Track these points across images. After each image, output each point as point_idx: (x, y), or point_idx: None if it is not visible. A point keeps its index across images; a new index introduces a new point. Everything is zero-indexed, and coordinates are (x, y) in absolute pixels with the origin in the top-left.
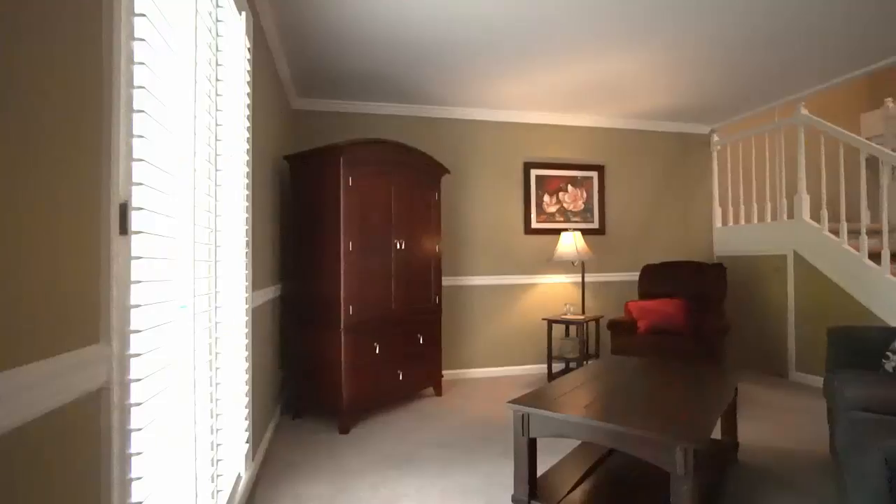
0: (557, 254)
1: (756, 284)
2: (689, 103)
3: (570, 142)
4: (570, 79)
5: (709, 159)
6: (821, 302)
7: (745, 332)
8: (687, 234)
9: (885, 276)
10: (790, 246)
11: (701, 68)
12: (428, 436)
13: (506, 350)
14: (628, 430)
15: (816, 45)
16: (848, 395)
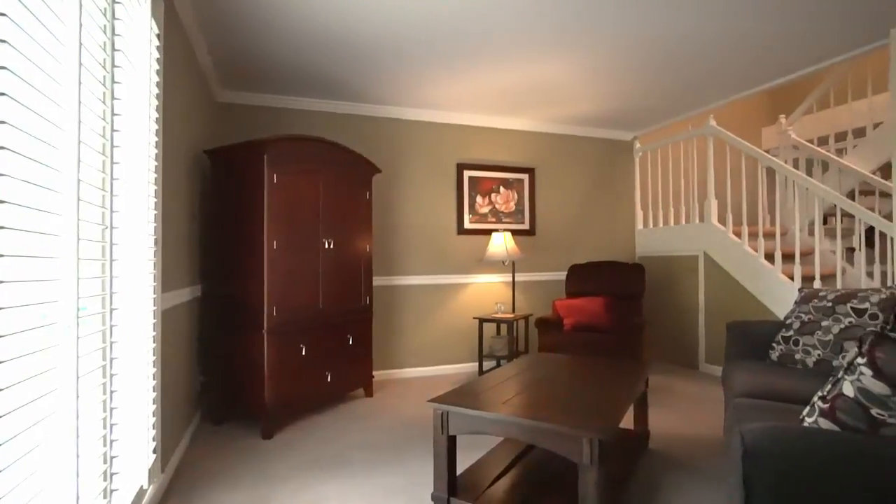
0: (488, 254)
1: (672, 283)
2: (614, 111)
3: (503, 144)
4: (502, 82)
5: (632, 165)
6: (726, 298)
7: (662, 327)
8: (612, 236)
9: (777, 274)
10: (701, 247)
11: (624, 79)
12: (356, 438)
13: (438, 349)
14: (539, 425)
15: (724, 63)
16: (735, 383)
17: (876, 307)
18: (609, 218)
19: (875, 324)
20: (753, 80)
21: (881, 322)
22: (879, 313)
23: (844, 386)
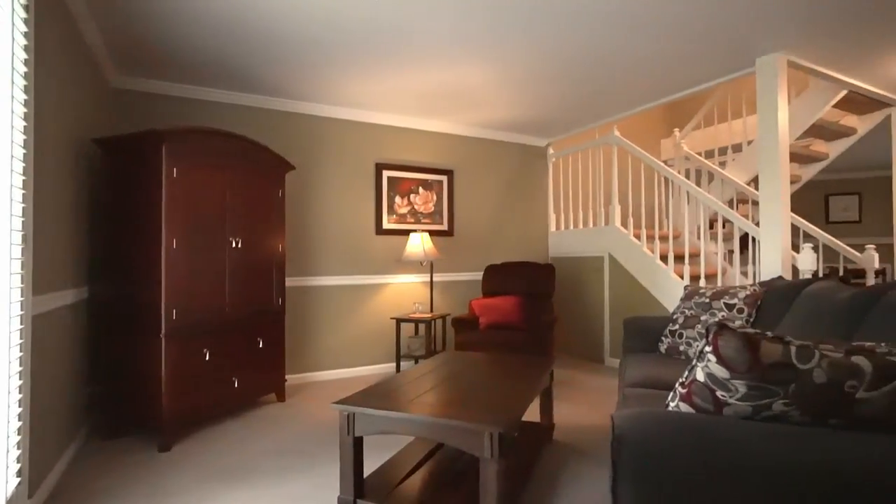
0: (406, 254)
1: (581, 282)
2: (529, 118)
3: (422, 146)
4: (421, 84)
5: (545, 170)
6: (628, 296)
7: (572, 323)
8: (527, 237)
9: (670, 274)
10: (606, 249)
11: (536, 88)
12: (264, 445)
13: (356, 350)
14: (442, 421)
15: (625, 78)
16: (627, 374)
17: (742, 302)
18: (524, 220)
19: (741, 317)
20: (650, 95)
21: (746, 315)
22: (745, 307)
23: (697, 372)
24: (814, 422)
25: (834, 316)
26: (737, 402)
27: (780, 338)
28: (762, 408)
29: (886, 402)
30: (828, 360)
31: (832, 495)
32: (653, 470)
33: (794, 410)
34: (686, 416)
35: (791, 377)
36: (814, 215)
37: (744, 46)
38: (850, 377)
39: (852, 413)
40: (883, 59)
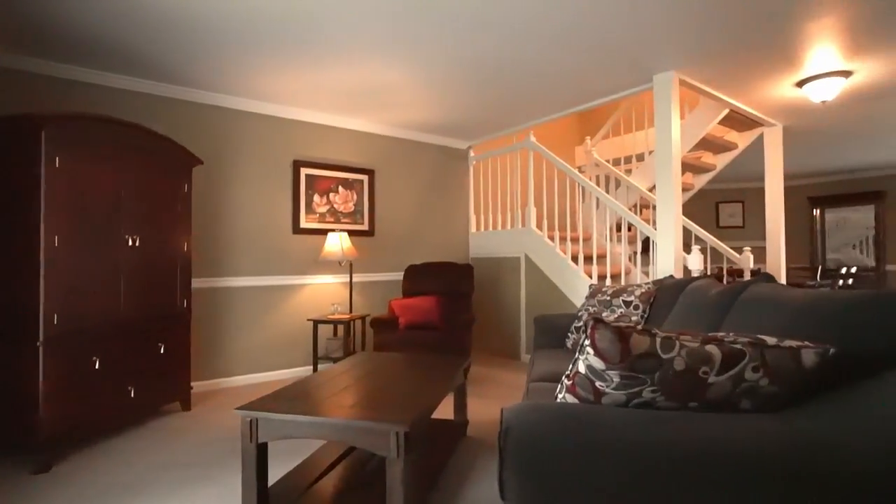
0: (324, 254)
1: (499, 282)
2: (450, 120)
3: (343, 144)
4: (339, 81)
5: (466, 172)
6: (542, 295)
7: (491, 322)
8: (448, 238)
9: (580, 273)
10: (523, 249)
11: (457, 91)
12: (164, 457)
13: (272, 353)
14: (347, 422)
15: (539, 85)
16: (533, 370)
17: (638, 299)
18: (446, 221)
19: (637, 312)
20: (562, 104)
21: (641, 310)
22: (640, 304)
23: (579, 364)
24: (677, 406)
25: (706, 309)
26: (612, 391)
27: (647, 330)
28: (634, 395)
29: (730, 384)
30: (686, 350)
31: (690, 469)
32: (535, 458)
33: (660, 396)
34: (568, 406)
35: (656, 366)
36: (706, 220)
37: (642, 64)
38: (703, 364)
39: (706, 396)
40: (756, 85)
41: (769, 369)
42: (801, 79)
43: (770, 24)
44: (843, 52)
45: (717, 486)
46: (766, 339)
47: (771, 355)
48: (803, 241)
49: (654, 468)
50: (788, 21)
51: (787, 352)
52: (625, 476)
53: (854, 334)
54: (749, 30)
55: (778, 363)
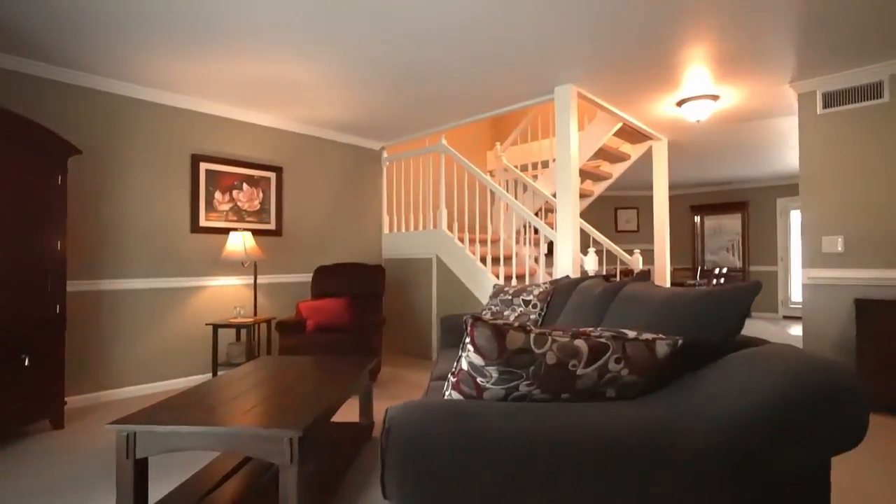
0: (225, 254)
1: (412, 282)
2: (362, 120)
3: (248, 139)
4: (243, 72)
5: (380, 173)
6: (453, 295)
7: (403, 322)
8: (361, 239)
9: (488, 274)
10: (434, 251)
11: (369, 91)
12: (27, 483)
13: (167, 361)
14: (237, 430)
15: (450, 90)
16: (435, 369)
17: (536, 298)
18: (358, 221)
19: (535, 310)
20: (472, 109)
21: (539, 309)
22: (538, 302)
23: (462, 361)
24: (551, 397)
25: (591, 306)
26: (492, 386)
27: (523, 327)
28: (512, 389)
29: (596, 375)
30: (557, 345)
31: (559, 455)
32: (416, 455)
33: (535, 389)
34: (450, 402)
35: (530, 361)
36: (606, 225)
37: (545, 76)
38: (572, 357)
39: (575, 387)
40: (644, 102)
41: (629, 360)
42: (680, 99)
43: (654, 48)
44: (713, 77)
45: (582, 469)
46: (627, 333)
47: (630, 347)
48: (687, 245)
49: (528, 457)
50: (669, 46)
51: (643, 344)
52: (502, 466)
53: (698, 327)
54: (636, 51)
55: (636, 354)
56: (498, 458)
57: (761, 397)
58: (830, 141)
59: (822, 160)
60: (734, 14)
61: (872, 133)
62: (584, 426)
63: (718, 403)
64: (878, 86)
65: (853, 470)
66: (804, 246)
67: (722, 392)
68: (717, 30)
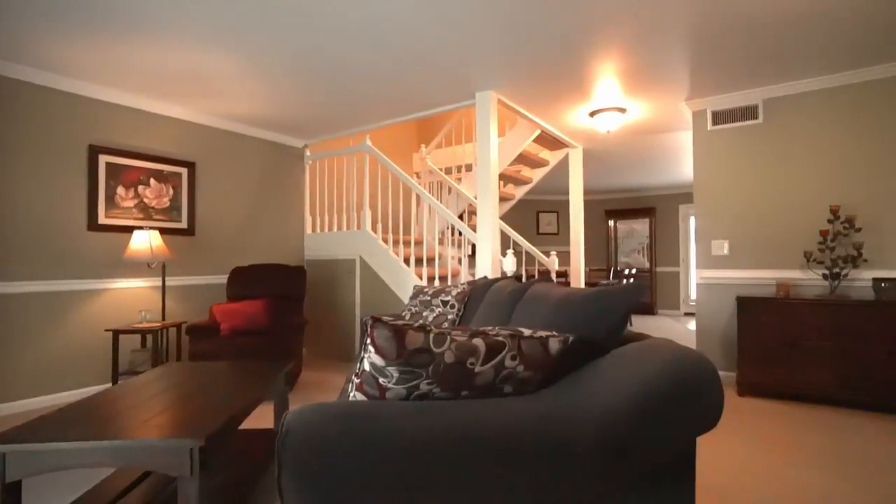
0: (129, 254)
1: (335, 284)
2: (283, 117)
3: (156, 131)
4: (153, 61)
5: (302, 171)
6: (376, 296)
7: (326, 325)
8: (282, 239)
9: (412, 275)
10: (358, 252)
11: (284, 86)
12: None
13: (61, 372)
14: (130, 443)
15: (373, 90)
16: (353, 371)
17: (454, 299)
18: (280, 221)
19: (453, 311)
20: (396, 111)
21: (457, 309)
22: (456, 303)
23: (364, 362)
24: (451, 395)
25: (502, 306)
26: (394, 385)
27: (423, 327)
28: (413, 388)
29: (493, 372)
30: (456, 344)
31: (456, 451)
32: (314, 458)
33: (435, 388)
34: (351, 403)
35: (430, 360)
36: (528, 227)
37: (466, 81)
38: (470, 356)
39: (474, 384)
40: (559, 111)
41: (524, 357)
42: (592, 110)
43: (568, 60)
44: (621, 91)
45: (478, 462)
46: (522, 331)
47: (525, 345)
48: (602, 247)
49: (426, 455)
50: (581, 59)
51: (537, 341)
52: (400, 465)
53: (587, 325)
54: (552, 62)
55: (531, 351)
56: (395, 457)
57: (634, 388)
58: (718, 155)
59: (711, 172)
60: (637, 34)
61: (750, 150)
62: (479, 421)
63: (599, 396)
64: (755, 108)
65: (734, 448)
66: (697, 249)
67: (603, 385)
68: (623, 47)
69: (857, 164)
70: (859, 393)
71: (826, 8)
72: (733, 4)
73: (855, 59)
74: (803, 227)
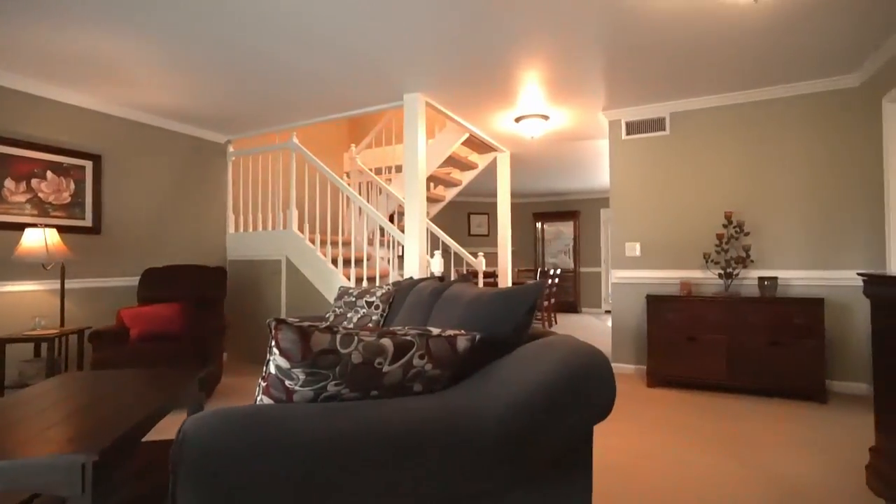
0: (19, 253)
1: (259, 285)
2: (206, 111)
3: (53, 119)
4: (48, 40)
5: (225, 168)
6: (303, 298)
7: (251, 328)
8: (202, 239)
9: (340, 276)
10: (284, 252)
11: (210, 79)
12: None
13: None
14: (9, 464)
15: (303, 88)
16: None
17: (379, 300)
18: (200, 220)
19: (378, 312)
20: (325, 109)
21: (381, 310)
22: (381, 304)
23: (269, 365)
24: (361, 395)
25: (422, 306)
26: (300, 388)
27: (329, 328)
28: (320, 390)
29: (401, 371)
30: (363, 344)
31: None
32: (211, 466)
33: (344, 389)
34: (256, 408)
35: (336, 361)
36: (460, 229)
37: (395, 82)
38: (378, 355)
39: (383, 383)
40: (487, 116)
41: (432, 356)
42: (517, 116)
43: (494, 69)
44: (545, 99)
45: (381, 460)
46: (431, 331)
47: (433, 344)
48: (530, 248)
49: (333, 455)
50: (506, 65)
51: (445, 340)
52: (307, 467)
53: (494, 323)
54: (479, 68)
55: (439, 350)
56: (301, 460)
57: (532, 382)
58: (631, 163)
59: (624, 179)
60: (557, 49)
61: (658, 159)
62: (385, 420)
63: (502, 391)
64: (663, 121)
65: (640, 434)
66: (613, 250)
67: (507, 380)
68: (545, 59)
69: (745, 174)
70: (746, 380)
71: (714, 42)
72: (639, 29)
73: (742, 82)
74: (703, 231)
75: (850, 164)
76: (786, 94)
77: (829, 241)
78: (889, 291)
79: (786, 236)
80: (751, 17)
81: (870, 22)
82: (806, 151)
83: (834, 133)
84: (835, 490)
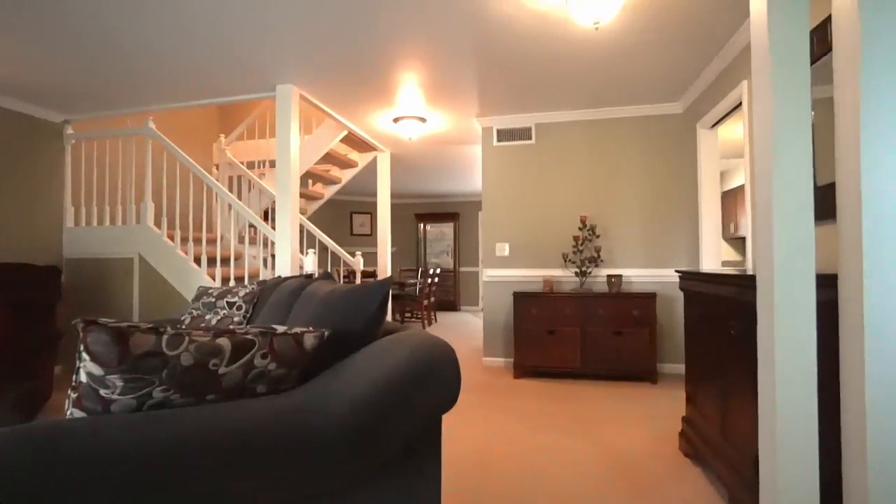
0: None
1: (106, 285)
2: (34, 83)
3: None
4: None
5: (61, 152)
6: (160, 300)
7: None
8: (30, 234)
9: (203, 276)
10: (136, 249)
11: (37, 44)
12: None
13: None
14: None
15: (161, 69)
16: None
17: (242, 300)
18: (25, 211)
19: (240, 313)
20: (187, 94)
21: (244, 311)
22: (244, 304)
23: (80, 373)
24: (195, 401)
25: (283, 304)
26: (119, 396)
27: (154, 328)
28: (145, 397)
29: (241, 372)
30: (195, 344)
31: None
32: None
33: (173, 394)
34: (56, 422)
35: (162, 364)
36: (342, 228)
37: (266, 72)
38: (213, 356)
39: (221, 386)
40: (365, 114)
41: (276, 354)
42: (396, 116)
43: (370, 67)
44: (422, 101)
45: (216, 468)
46: (276, 328)
47: (278, 342)
48: (412, 248)
49: (158, 468)
50: (383, 67)
51: (291, 338)
52: (126, 484)
53: (346, 319)
54: (354, 65)
55: (283, 348)
56: (119, 476)
57: (378, 376)
58: (502, 168)
59: (495, 183)
60: (429, 53)
61: (525, 165)
62: (218, 425)
63: (349, 386)
64: (529, 130)
65: (502, 421)
66: (485, 250)
67: (355, 375)
68: (419, 63)
69: (597, 183)
70: (597, 366)
71: (566, 62)
72: (502, 43)
73: (592, 101)
74: (563, 233)
75: (676, 178)
76: (625, 115)
77: (661, 243)
78: (692, 285)
79: (629, 239)
80: (594, 42)
81: (690, 55)
82: (643, 166)
83: (664, 152)
84: (657, 455)
